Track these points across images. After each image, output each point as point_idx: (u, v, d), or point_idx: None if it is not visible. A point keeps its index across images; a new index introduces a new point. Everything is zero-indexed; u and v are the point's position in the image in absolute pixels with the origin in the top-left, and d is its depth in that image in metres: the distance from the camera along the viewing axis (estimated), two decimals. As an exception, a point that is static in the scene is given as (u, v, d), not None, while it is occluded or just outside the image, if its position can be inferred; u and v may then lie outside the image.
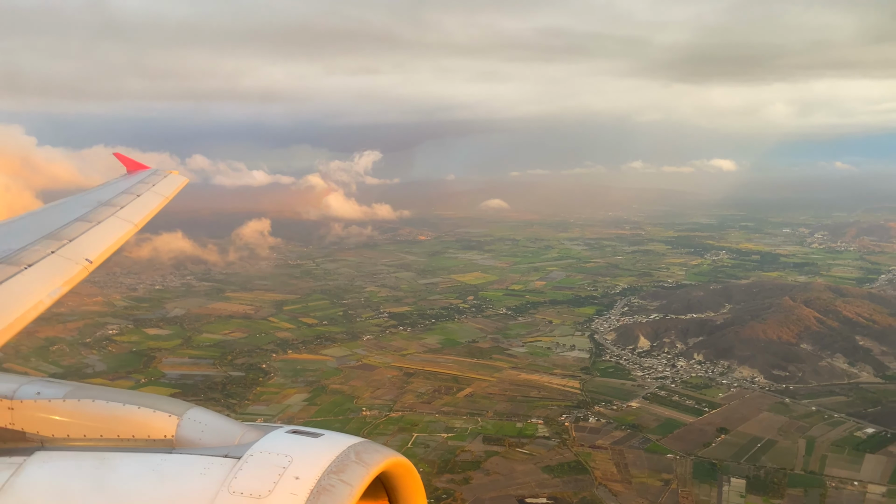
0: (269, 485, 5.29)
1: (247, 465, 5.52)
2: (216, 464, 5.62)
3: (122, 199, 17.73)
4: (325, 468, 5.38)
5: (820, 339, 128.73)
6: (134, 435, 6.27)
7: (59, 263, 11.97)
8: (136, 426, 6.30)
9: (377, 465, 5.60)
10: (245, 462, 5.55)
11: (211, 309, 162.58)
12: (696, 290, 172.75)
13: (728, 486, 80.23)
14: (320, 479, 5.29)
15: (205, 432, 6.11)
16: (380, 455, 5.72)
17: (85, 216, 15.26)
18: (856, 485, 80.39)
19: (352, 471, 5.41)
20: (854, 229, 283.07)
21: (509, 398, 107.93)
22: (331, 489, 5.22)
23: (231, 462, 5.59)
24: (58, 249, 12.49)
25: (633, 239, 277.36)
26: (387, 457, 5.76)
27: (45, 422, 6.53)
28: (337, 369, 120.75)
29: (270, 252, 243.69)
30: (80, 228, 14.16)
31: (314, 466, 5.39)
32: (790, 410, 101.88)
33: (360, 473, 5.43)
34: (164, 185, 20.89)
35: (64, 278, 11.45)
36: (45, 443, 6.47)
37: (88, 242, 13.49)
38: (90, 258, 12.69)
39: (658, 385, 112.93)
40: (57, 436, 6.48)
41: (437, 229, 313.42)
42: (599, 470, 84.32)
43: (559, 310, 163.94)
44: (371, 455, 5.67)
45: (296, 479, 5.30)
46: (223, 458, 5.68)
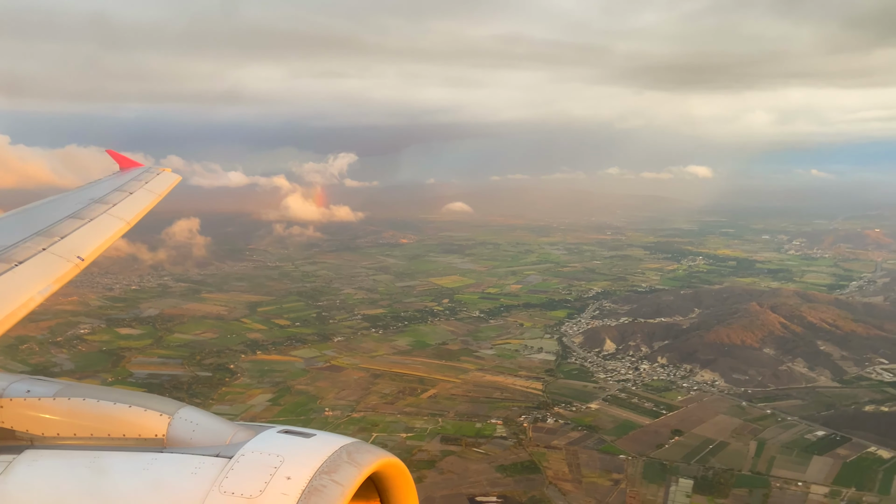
0: (260, 485, 5.28)
1: (238, 464, 5.50)
2: (207, 463, 5.60)
3: (115, 197, 17.51)
4: (317, 468, 5.37)
5: (783, 344, 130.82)
6: (125, 434, 6.25)
7: (50, 261, 11.77)
8: (127, 425, 6.27)
9: (369, 466, 5.60)
10: (236, 462, 5.53)
11: (185, 309, 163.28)
12: (667, 295, 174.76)
13: (676, 486, 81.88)
14: (312, 479, 5.29)
15: (196, 432, 6.10)
16: (372, 455, 5.71)
17: (77, 213, 15.06)
18: (800, 485, 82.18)
19: (343, 471, 5.41)
20: (832, 237, 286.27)
21: (472, 399, 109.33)
22: (322, 489, 5.21)
23: (222, 462, 5.57)
24: (49, 246, 12.30)
25: (613, 244, 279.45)
26: (379, 457, 5.75)
27: (35, 420, 6.47)
28: (304, 370, 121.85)
29: (249, 254, 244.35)
30: (71, 225, 13.97)
31: (306, 467, 5.38)
32: (745, 413, 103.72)
33: (352, 474, 5.42)
34: (156, 183, 20.57)
35: (55, 276, 11.26)
36: (35, 441, 6.42)
37: (80, 240, 13.29)
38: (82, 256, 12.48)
39: (619, 387, 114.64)
40: (47, 434, 6.43)
41: (421, 233, 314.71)
42: (552, 469, 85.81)
43: (531, 313, 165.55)
44: (363, 455, 5.66)
45: (287, 479, 5.29)
46: (214, 457, 5.66)
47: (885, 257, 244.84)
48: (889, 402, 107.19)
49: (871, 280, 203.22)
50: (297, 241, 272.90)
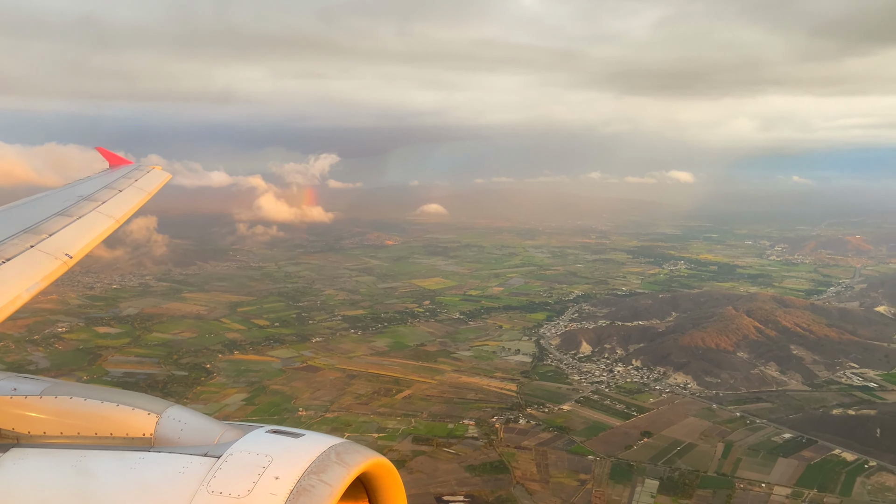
0: (248, 484, 5.27)
1: (226, 464, 5.49)
2: (195, 463, 5.57)
3: (104, 194, 17.35)
4: (306, 468, 5.36)
5: (756, 348, 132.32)
6: (112, 433, 6.21)
7: (38, 258, 11.65)
8: (114, 424, 6.23)
9: (358, 466, 5.58)
10: (224, 461, 5.51)
11: (165, 309, 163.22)
12: (645, 299, 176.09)
13: (641, 487, 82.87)
14: (300, 479, 5.27)
15: (184, 431, 6.08)
16: (360, 455, 5.70)
17: (65, 210, 14.94)
18: (763, 486, 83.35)
19: (332, 471, 5.39)
20: (813, 242, 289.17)
21: (446, 400, 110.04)
22: (311, 489, 5.20)
23: (210, 461, 5.55)
24: (37, 244, 12.18)
25: (597, 248, 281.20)
26: (367, 457, 5.74)
27: (21, 418, 6.41)
28: (281, 370, 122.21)
29: (232, 254, 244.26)
30: (60, 223, 13.83)
31: (294, 466, 5.38)
32: (715, 416, 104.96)
33: (341, 474, 5.40)
34: (146, 181, 20.39)
35: (43, 273, 11.14)
36: (21, 440, 6.34)
37: (69, 237, 13.18)
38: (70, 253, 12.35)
39: (592, 389, 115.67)
40: (33, 433, 6.36)
41: (406, 234, 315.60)
42: (520, 470, 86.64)
43: (511, 315, 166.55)
44: (352, 455, 5.65)
45: (276, 478, 5.28)
46: (202, 457, 5.63)
47: (864, 263, 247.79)
48: (856, 405, 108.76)
49: (848, 286, 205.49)
50: (281, 242, 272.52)
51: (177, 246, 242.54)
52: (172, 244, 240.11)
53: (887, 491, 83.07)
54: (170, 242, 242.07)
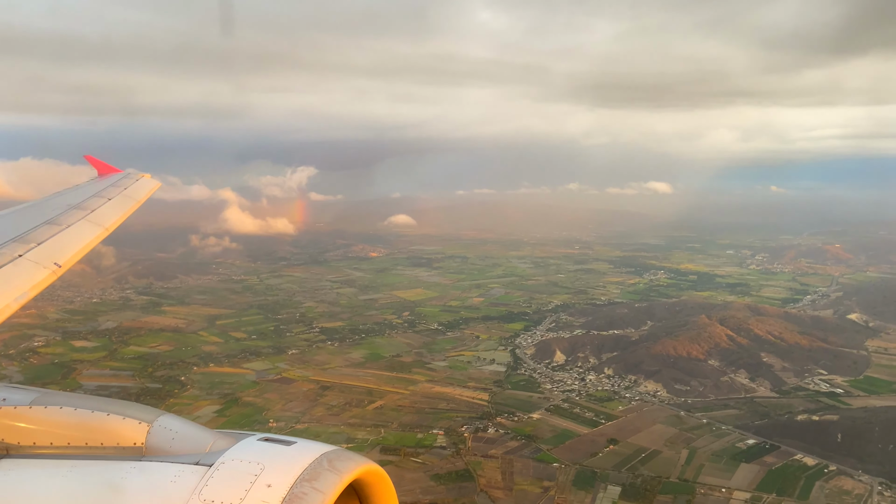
0: (240, 493, 5.25)
1: (218, 472, 5.48)
2: (187, 471, 5.56)
3: (93, 203, 17.22)
4: (298, 476, 5.36)
5: (727, 356, 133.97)
6: (103, 442, 6.19)
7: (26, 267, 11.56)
8: (105, 433, 6.21)
9: (350, 473, 5.59)
10: (216, 470, 5.51)
11: (143, 322, 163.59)
12: (622, 308, 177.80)
13: (603, 493, 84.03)
14: (293, 486, 5.27)
15: (175, 440, 6.07)
16: (353, 463, 5.72)
17: (54, 219, 14.80)
18: (723, 491, 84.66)
19: (324, 478, 5.39)
20: (793, 251, 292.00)
21: (417, 410, 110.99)
22: (303, 497, 5.19)
23: (202, 470, 5.54)
24: (25, 253, 12.09)
25: (580, 258, 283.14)
26: (360, 464, 5.76)
27: (10, 429, 6.36)
28: (254, 382, 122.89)
29: (215, 267, 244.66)
30: (48, 232, 13.69)
31: (286, 474, 5.37)
32: (682, 423, 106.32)
33: (333, 481, 5.41)
34: (135, 189, 20.26)
35: (31, 282, 11.05)
36: (11, 450, 6.29)
37: (57, 246, 13.07)
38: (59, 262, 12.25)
39: (563, 398, 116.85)
40: (23, 443, 6.30)
41: (391, 246, 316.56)
42: (485, 478, 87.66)
43: (489, 325, 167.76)
44: (344, 463, 5.65)
45: (268, 486, 5.27)
46: (194, 465, 5.63)
47: (842, 272, 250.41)
48: (821, 411, 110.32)
49: (824, 294, 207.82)
50: (264, 255, 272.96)
51: (159, 259, 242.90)
52: (153, 258, 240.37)
53: (844, 494, 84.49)
54: (149, 257, 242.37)
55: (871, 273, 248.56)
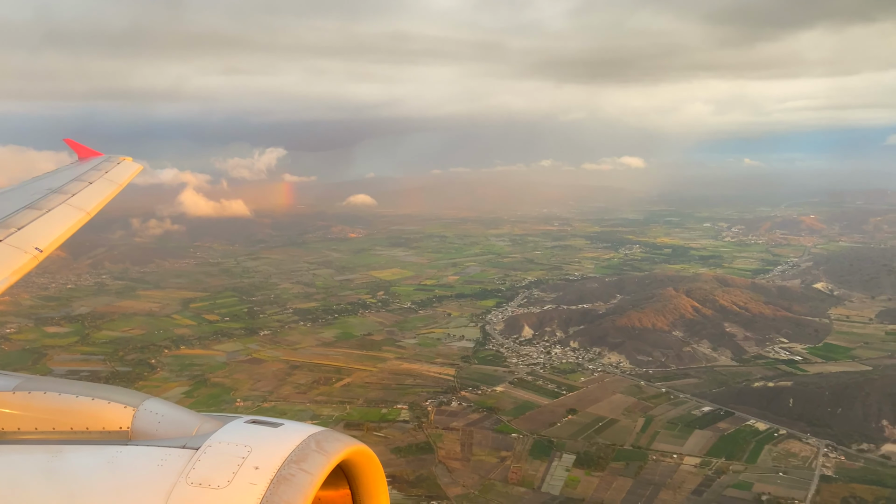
0: (228, 475, 5.27)
1: (205, 455, 5.48)
2: (174, 455, 5.56)
3: (74, 187, 16.99)
4: (286, 458, 5.38)
5: (691, 327, 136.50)
6: (88, 427, 6.14)
7: (7, 252, 11.54)
8: (90, 418, 6.17)
9: (338, 454, 5.62)
10: (203, 453, 5.51)
11: (117, 307, 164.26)
12: (592, 283, 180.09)
13: (558, 462, 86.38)
14: (280, 468, 5.29)
15: (161, 423, 6.04)
16: (340, 444, 5.73)
17: (35, 204, 14.66)
18: (675, 457, 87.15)
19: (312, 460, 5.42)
20: (769, 223, 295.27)
21: (384, 386, 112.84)
22: (291, 478, 5.22)
23: (189, 453, 5.54)
24: (6, 238, 12.05)
25: (558, 234, 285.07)
26: (347, 445, 5.77)
27: None
28: (224, 364, 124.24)
29: (193, 251, 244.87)
30: (29, 216, 13.62)
31: (274, 456, 5.39)
32: (641, 392, 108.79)
33: (321, 462, 5.43)
34: (117, 172, 19.98)
35: (13, 267, 11.00)
36: None
37: (38, 231, 13.01)
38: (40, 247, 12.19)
39: (528, 371, 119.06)
40: (7, 429, 6.27)
41: (371, 227, 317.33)
42: (444, 449, 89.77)
43: (462, 303, 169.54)
44: (332, 444, 5.67)
45: (255, 469, 5.30)
46: (181, 449, 5.62)
47: (815, 242, 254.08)
48: (778, 378, 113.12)
49: (795, 264, 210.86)
50: (242, 237, 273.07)
51: (135, 244, 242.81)
52: (131, 242, 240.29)
53: (791, 457, 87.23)
54: (128, 241, 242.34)
55: (842, 243, 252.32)
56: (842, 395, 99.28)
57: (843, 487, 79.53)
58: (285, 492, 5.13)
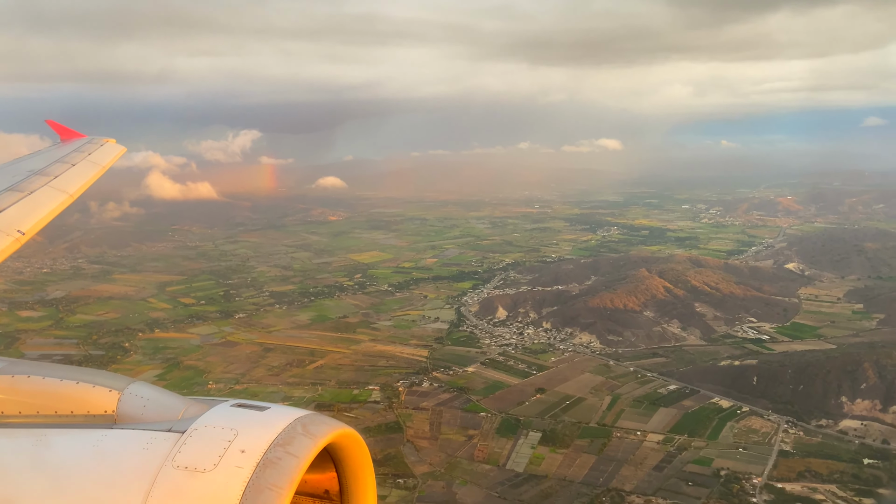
0: (214, 458, 5.27)
1: (191, 439, 5.48)
2: (159, 438, 5.54)
3: (56, 169, 16.69)
4: (272, 441, 5.37)
5: (663, 307, 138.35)
6: (73, 411, 6.11)
7: None
8: (74, 402, 6.13)
9: (324, 437, 5.61)
10: (189, 436, 5.50)
11: (93, 291, 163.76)
12: (568, 264, 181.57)
13: (524, 439, 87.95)
14: (266, 451, 5.28)
15: (147, 407, 6.02)
16: (327, 427, 5.71)
17: (16, 186, 14.48)
18: (638, 434, 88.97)
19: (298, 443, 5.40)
20: (746, 204, 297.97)
21: (357, 368, 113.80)
22: (277, 462, 5.23)
23: (175, 436, 5.52)
24: None
25: (538, 217, 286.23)
26: (334, 428, 5.76)
27: None
28: (198, 346, 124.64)
29: (171, 234, 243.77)
30: (10, 198, 13.49)
31: (260, 439, 5.38)
32: (610, 371, 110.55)
33: (307, 445, 5.41)
34: (100, 154, 19.60)
35: None
36: None
37: (20, 213, 12.91)
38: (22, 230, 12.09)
39: (500, 351, 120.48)
40: None
41: (352, 209, 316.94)
42: (413, 429, 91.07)
43: (439, 285, 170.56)
44: (318, 427, 5.66)
45: (241, 452, 5.29)
46: (166, 432, 5.60)
47: (791, 223, 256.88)
48: (744, 356, 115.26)
49: (770, 245, 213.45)
50: (221, 221, 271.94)
51: (113, 228, 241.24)
52: (108, 226, 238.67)
53: (752, 433, 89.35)
54: (105, 224, 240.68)
55: (818, 224, 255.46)
56: (803, 372, 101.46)
57: (799, 462, 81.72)
58: (272, 475, 5.13)
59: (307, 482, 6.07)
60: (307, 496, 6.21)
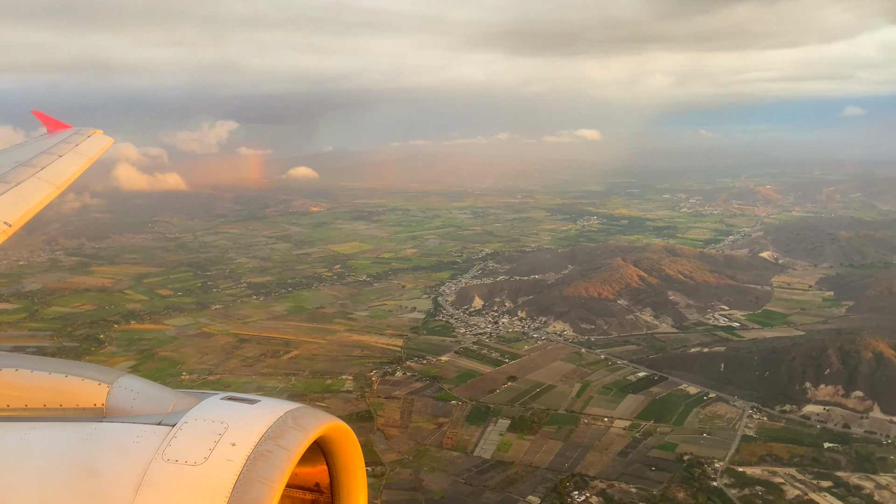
0: (204, 451, 5.25)
1: (181, 432, 5.46)
2: (149, 431, 5.52)
3: (43, 160, 16.58)
4: (262, 434, 5.36)
5: (636, 295, 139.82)
6: (62, 404, 6.07)
7: None
8: (63, 395, 6.10)
9: (315, 430, 5.60)
10: (179, 429, 5.48)
11: (70, 283, 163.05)
12: (546, 254, 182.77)
13: (493, 426, 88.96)
14: (257, 444, 5.28)
15: (137, 400, 5.98)
16: (318, 420, 5.71)
17: (2, 177, 14.37)
18: (605, 421, 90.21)
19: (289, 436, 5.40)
20: (726, 194, 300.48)
21: (331, 358, 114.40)
22: (268, 455, 5.22)
23: (165, 429, 5.50)
24: None
25: (520, 207, 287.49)
26: (325, 421, 5.75)
27: None
28: (173, 338, 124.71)
29: (151, 226, 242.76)
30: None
31: (251, 432, 5.37)
32: (581, 359, 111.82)
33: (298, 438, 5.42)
34: (87, 146, 19.46)
35: None
36: None
37: (7, 204, 12.79)
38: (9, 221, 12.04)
39: (474, 340, 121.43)
40: None
41: (335, 200, 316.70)
42: (384, 417, 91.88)
43: (417, 275, 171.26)
44: (309, 420, 5.65)
45: (232, 445, 5.28)
46: (157, 425, 5.58)
47: (768, 212, 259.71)
48: (714, 344, 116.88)
49: (746, 234, 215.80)
50: (202, 212, 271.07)
51: (92, 220, 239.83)
52: (86, 218, 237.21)
53: (717, 419, 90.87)
54: (86, 216, 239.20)
55: (795, 212, 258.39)
56: (769, 359, 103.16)
57: (761, 446, 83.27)
58: (262, 468, 5.13)
59: (298, 475, 6.09)
60: (298, 489, 6.22)
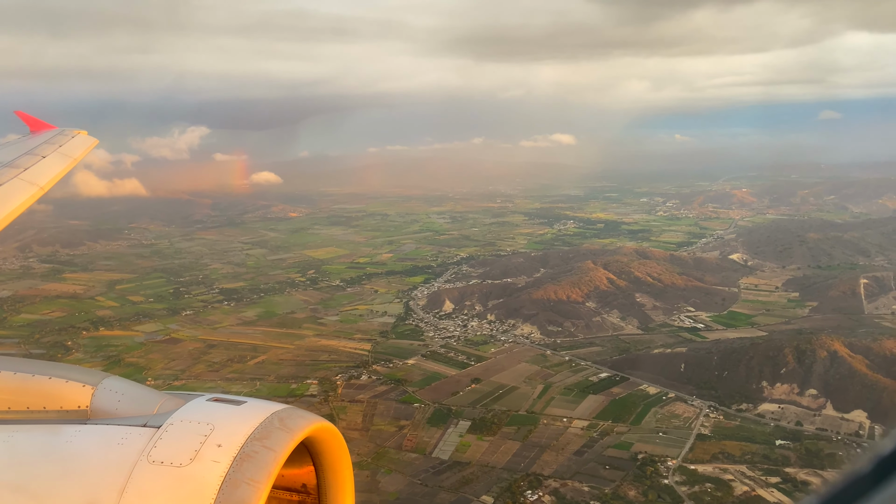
0: (190, 453, 5.23)
1: (167, 433, 5.43)
2: (134, 433, 5.47)
3: (26, 161, 16.41)
4: (249, 435, 5.34)
5: (604, 297, 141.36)
6: (45, 406, 6.03)
7: None
8: (47, 397, 6.06)
9: (301, 431, 5.59)
10: (165, 431, 5.45)
11: (41, 290, 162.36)
12: (518, 258, 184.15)
13: (454, 428, 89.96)
14: (243, 446, 5.26)
15: (122, 402, 5.95)
16: (304, 421, 5.70)
17: None
18: (564, 421, 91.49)
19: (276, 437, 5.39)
20: (701, 197, 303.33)
21: (298, 363, 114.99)
22: (254, 456, 5.21)
23: (150, 431, 5.46)
24: None
25: (498, 211, 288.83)
26: (311, 422, 5.73)
27: None
28: (141, 344, 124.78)
29: (127, 233, 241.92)
30: None
31: (237, 434, 5.35)
32: (545, 361, 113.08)
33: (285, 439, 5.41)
34: (71, 146, 19.31)
35: None
36: None
37: None
38: None
39: (442, 343, 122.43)
40: None
41: (314, 206, 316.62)
42: (346, 421, 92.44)
43: (391, 280, 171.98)
44: (295, 421, 5.64)
45: (218, 446, 5.25)
46: (142, 427, 5.54)
47: (743, 215, 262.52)
48: (677, 345, 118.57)
49: (720, 237, 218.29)
50: (178, 219, 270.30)
51: (66, 227, 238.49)
52: (61, 225, 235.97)
53: (674, 418, 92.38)
54: (60, 223, 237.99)
55: (770, 215, 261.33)
56: (728, 358, 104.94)
57: (715, 445, 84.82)
58: (248, 469, 5.12)
59: (284, 476, 6.07)
60: (285, 490, 6.22)
